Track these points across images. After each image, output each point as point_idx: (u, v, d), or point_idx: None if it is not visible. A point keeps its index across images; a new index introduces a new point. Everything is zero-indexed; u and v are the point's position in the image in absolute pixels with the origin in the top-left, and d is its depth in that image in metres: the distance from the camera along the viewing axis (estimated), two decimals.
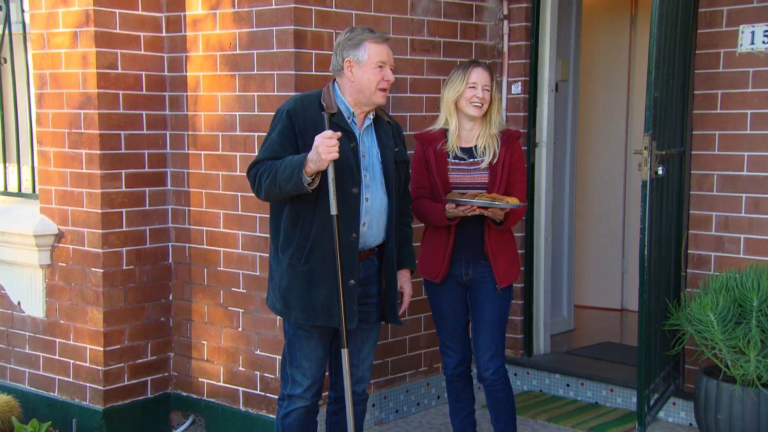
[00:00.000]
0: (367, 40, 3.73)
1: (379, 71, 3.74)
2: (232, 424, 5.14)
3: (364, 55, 3.72)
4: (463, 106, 4.19)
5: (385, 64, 3.76)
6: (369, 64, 3.73)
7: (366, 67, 3.73)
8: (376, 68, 3.74)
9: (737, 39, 4.93)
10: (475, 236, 4.25)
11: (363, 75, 3.74)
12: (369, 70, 3.73)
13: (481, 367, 4.31)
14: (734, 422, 4.56)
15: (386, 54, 3.77)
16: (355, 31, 3.79)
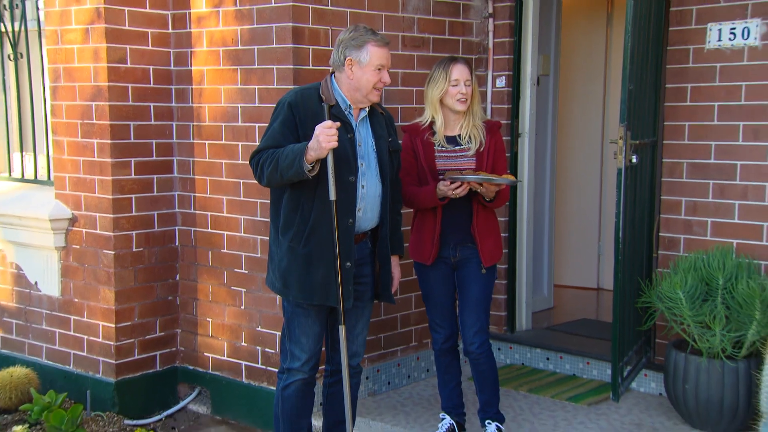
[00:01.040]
0: (369, 43, 3.73)
1: (377, 73, 3.75)
2: (235, 396, 5.16)
3: (366, 57, 3.73)
4: (449, 102, 4.20)
5: (384, 67, 3.78)
6: (369, 66, 3.74)
7: (366, 69, 3.74)
8: (375, 70, 3.75)
9: (705, 36, 4.93)
10: (462, 221, 4.27)
11: (362, 75, 3.75)
12: (369, 71, 3.74)
13: (467, 342, 4.34)
14: (700, 392, 4.59)
15: (386, 57, 3.78)
16: (359, 31, 3.78)
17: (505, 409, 4.85)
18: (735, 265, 4.65)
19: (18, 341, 5.73)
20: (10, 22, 5.71)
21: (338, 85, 3.82)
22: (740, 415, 4.52)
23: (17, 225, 5.51)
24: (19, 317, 5.71)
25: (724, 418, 4.60)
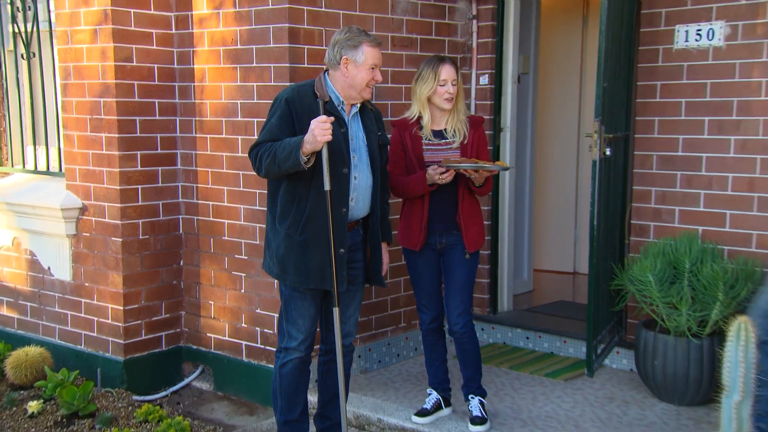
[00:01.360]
0: (364, 43, 3.75)
1: (371, 72, 3.77)
2: (236, 373, 5.17)
3: (361, 57, 3.74)
4: (437, 101, 4.21)
5: (377, 66, 3.80)
6: (364, 65, 3.75)
7: (361, 67, 3.75)
8: (369, 69, 3.77)
9: (674, 37, 4.95)
10: (448, 210, 4.28)
11: (357, 73, 3.76)
12: (363, 70, 3.75)
13: (452, 322, 4.35)
14: (668, 367, 4.64)
15: (379, 57, 3.80)
16: (353, 32, 3.79)
17: (488, 384, 4.88)
18: (700, 250, 4.68)
19: (32, 322, 5.74)
20: (23, 23, 5.68)
21: (332, 82, 3.82)
22: (704, 388, 4.58)
23: (31, 214, 5.50)
24: (33, 300, 5.72)
25: (690, 391, 4.65)
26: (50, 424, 4.71)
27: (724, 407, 3.17)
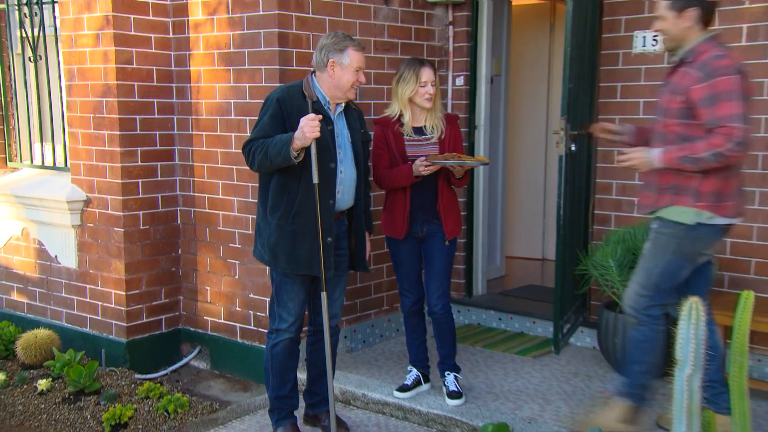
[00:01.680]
0: (350, 47, 3.77)
1: (355, 74, 3.80)
2: (230, 353, 5.20)
3: (347, 60, 3.76)
4: (418, 101, 4.24)
5: (361, 69, 3.82)
6: (349, 68, 3.77)
7: (346, 70, 3.77)
8: (354, 71, 3.79)
9: (632, 42, 5.00)
10: (428, 201, 4.32)
11: (343, 75, 3.78)
12: (348, 72, 3.78)
13: (431, 304, 4.39)
14: (627, 344, 4.65)
15: (362, 60, 3.83)
16: (339, 36, 3.81)
17: (464, 362, 4.95)
18: None
19: (41, 307, 5.75)
20: (30, 28, 5.67)
21: (319, 83, 3.84)
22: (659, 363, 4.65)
23: (39, 206, 5.51)
24: (41, 286, 5.73)
25: None
26: (58, 401, 4.73)
27: (677, 380, 3.22)
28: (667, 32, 3.63)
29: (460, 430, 4.19)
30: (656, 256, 3.70)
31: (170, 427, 4.39)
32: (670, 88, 3.62)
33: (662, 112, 3.66)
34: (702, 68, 3.48)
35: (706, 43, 3.56)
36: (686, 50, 3.59)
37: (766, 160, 4.66)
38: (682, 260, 3.66)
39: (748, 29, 4.65)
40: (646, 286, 3.75)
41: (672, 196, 3.59)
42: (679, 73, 3.61)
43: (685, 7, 3.52)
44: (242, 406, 4.66)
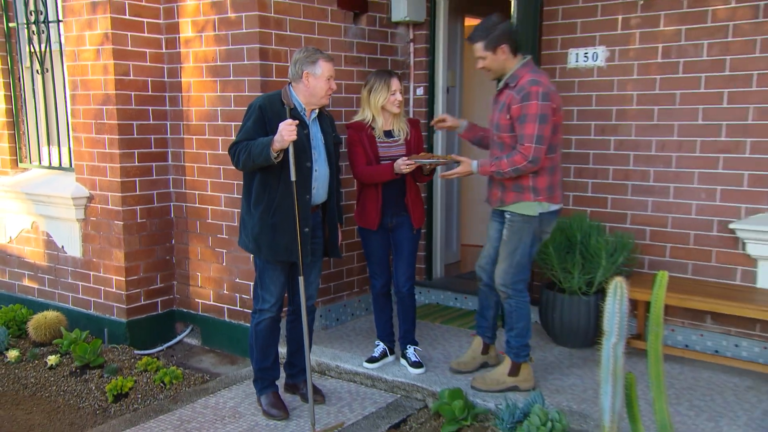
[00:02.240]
0: (320, 59, 3.80)
1: (327, 82, 3.82)
2: (219, 331, 5.21)
3: (319, 70, 3.79)
4: (389, 107, 4.27)
5: (332, 77, 3.85)
6: (322, 77, 3.80)
7: (319, 79, 3.80)
8: (326, 80, 3.81)
9: (567, 58, 5.06)
10: (397, 196, 4.35)
11: (317, 84, 3.80)
12: (321, 81, 3.80)
13: (399, 285, 4.44)
14: (564, 319, 4.79)
15: (332, 70, 3.86)
16: (310, 51, 3.83)
17: (424, 336, 5.00)
18: (588, 226, 4.78)
19: (50, 291, 5.72)
20: (38, 44, 5.63)
21: (295, 92, 3.86)
22: (590, 334, 4.73)
23: (47, 202, 5.48)
24: (50, 273, 5.70)
25: (580, 337, 4.79)
26: (66, 374, 4.73)
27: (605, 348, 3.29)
28: (489, 67, 3.98)
29: (421, 395, 4.24)
30: (514, 241, 4.05)
31: (166, 396, 4.41)
32: (499, 107, 3.97)
33: (496, 126, 4.02)
34: (520, 91, 3.87)
35: (523, 68, 3.94)
36: (509, 76, 3.96)
37: (679, 161, 4.75)
38: (534, 241, 4.07)
39: (663, 48, 4.74)
40: (511, 264, 4.06)
41: (517, 193, 4.00)
42: (504, 95, 3.97)
43: (497, 45, 3.89)
44: (230, 377, 4.68)
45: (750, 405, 4.06)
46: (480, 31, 3.91)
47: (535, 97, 3.81)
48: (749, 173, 4.54)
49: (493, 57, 3.93)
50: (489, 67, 3.97)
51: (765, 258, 4.51)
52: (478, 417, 3.91)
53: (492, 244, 4.24)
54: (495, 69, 3.98)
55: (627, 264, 4.77)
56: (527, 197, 3.99)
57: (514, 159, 3.86)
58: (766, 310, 4.16)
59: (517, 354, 4.14)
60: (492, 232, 4.25)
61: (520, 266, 4.06)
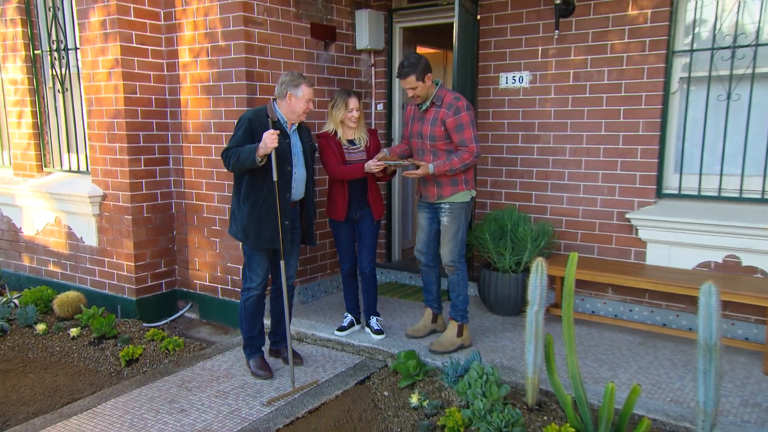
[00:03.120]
0: (303, 84, 3.80)
1: (306, 103, 3.83)
2: (214, 307, 5.18)
3: (300, 93, 3.79)
4: (346, 122, 4.29)
5: (310, 100, 3.85)
6: (302, 98, 3.80)
7: (300, 100, 3.80)
8: (305, 102, 3.81)
9: (499, 80, 5.09)
10: (361, 193, 4.36)
11: (297, 104, 3.80)
12: (302, 102, 3.80)
13: (363, 267, 4.45)
14: (498, 292, 4.84)
15: (312, 94, 3.86)
16: (295, 75, 3.83)
17: (385, 309, 5.02)
18: (517, 217, 4.85)
19: (71, 275, 5.64)
20: (59, 68, 5.55)
21: (279, 108, 3.85)
22: (519, 304, 4.79)
23: (67, 200, 5.40)
24: (71, 260, 5.62)
25: (511, 306, 4.86)
26: (86, 343, 4.68)
27: (529, 315, 3.35)
28: (419, 94, 4.08)
29: (382, 356, 4.27)
30: (455, 225, 4.16)
31: (170, 361, 4.38)
32: (430, 122, 4.09)
33: (431, 137, 4.10)
34: (449, 107, 4.04)
35: (442, 90, 4.11)
36: (433, 97, 4.09)
37: (587, 164, 4.82)
38: (467, 222, 4.24)
39: (574, 73, 4.81)
40: (456, 244, 4.18)
41: (453, 187, 4.13)
42: (433, 112, 4.08)
43: (424, 75, 4.02)
44: (223, 345, 4.67)
45: (640, 356, 4.18)
46: (408, 67, 4.00)
47: (464, 108, 4.03)
48: (640, 174, 4.65)
49: (423, 85, 4.05)
50: (419, 94, 4.08)
51: (652, 241, 4.62)
52: (428, 373, 3.95)
53: (425, 231, 4.31)
54: (423, 94, 4.09)
55: (547, 247, 4.84)
56: (461, 188, 4.14)
57: (464, 157, 4.03)
58: (653, 282, 4.26)
59: (463, 315, 4.24)
60: (424, 221, 4.31)
61: (462, 243, 4.21)
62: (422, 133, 4.15)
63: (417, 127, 4.19)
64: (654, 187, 4.61)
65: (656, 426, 3.34)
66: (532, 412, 3.45)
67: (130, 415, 3.60)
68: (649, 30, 4.47)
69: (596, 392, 3.56)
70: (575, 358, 3.21)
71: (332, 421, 3.52)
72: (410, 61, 4.01)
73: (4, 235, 6.15)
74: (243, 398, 3.78)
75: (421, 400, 3.60)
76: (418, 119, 4.19)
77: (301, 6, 5.04)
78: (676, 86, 4.53)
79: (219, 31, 4.72)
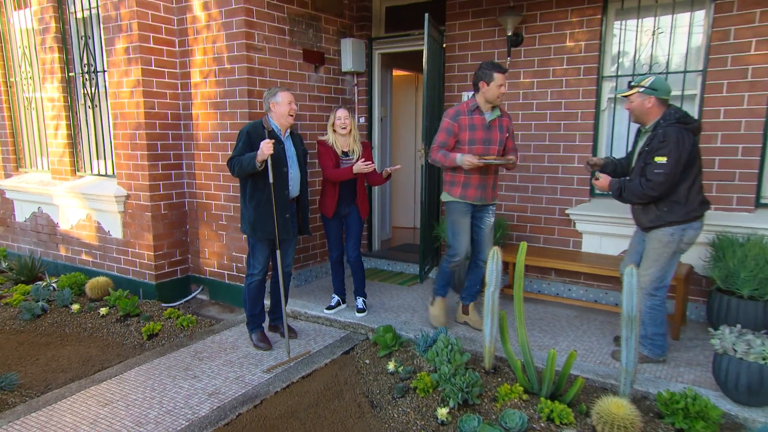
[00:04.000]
0: (279, 91, 3.77)
1: (288, 105, 3.77)
2: (221, 290, 5.13)
3: (280, 98, 3.74)
4: (337, 129, 4.22)
5: (292, 101, 3.79)
6: (283, 103, 3.75)
7: (281, 104, 3.75)
8: (287, 104, 3.76)
9: (462, 98, 5.09)
10: (350, 195, 4.31)
11: (280, 108, 3.76)
12: (283, 105, 3.75)
13: (350, 255, 4.40)
14: (460, 276, 4.78)
15: (290, 96, 3.79)
16: (271, 89, 3.80)
17: (367, 290, 5.01)
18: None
19: (100, 263, 5.54)
20: (89, 87, 5.44)
21: (272, 119, 3.81)
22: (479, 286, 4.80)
23: (97, 199, 5.31)
24: (100, 250, 5.52)
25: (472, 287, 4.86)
26: (113, 321, 4.60)
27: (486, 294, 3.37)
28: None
29: (364, 330, 4.26)
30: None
31: (185, 335, 4.33)
32: (498, 128, 3.79)
33: (500, 142, 3.82)
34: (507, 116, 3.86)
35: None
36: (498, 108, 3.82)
37: (534, 168, 4.83)
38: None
39: (523, 93, 4.82)
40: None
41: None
42: (497, 120, 3.80)
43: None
44: (230, 321, 4.63)
45: (576, 327, 4.22)
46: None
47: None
48: (577, 177, 4.69)
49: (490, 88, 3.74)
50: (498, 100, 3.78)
51: (587, 232, 4.66)
52: (403, 344, 3.95)
53: (485, 232, 4.00)
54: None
55: (502, 238, 4.84)
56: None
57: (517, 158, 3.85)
58: (587, 266, 4.30)
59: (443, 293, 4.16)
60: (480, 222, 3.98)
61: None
62: (491, 140, 3.79)
63: (483, 135, 3.78)
64: (588, 188, 4.65)
65: (588, 383, 3.37)
66: (489, 374, 3.46)
67: (152, 381, 3.57)
68: (583, 59, 4.50)
69: (541, 357, 3.59)
70: (524, 330, 3.23)
71: (322, 385, 3.51)
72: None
73: (44, 229, 6.03)
74: (246, 366, 3.76)
75: (397, 367, 3.60)
76: (483, 128, 3.78)
77: (295, 35, 4.99)
78: (605, 105, 4.57)
79: (225, 56, 4.66)
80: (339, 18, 5.46)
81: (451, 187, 3.89)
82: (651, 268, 3.40)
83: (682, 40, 4.23)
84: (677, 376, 3.42)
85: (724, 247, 3.87)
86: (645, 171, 3.27)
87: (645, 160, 3.28)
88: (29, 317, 4.73)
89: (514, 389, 3.15)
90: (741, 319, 3.68)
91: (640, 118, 3.37)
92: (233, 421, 3.11)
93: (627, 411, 2.77)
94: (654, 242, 3.38)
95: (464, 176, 3.84)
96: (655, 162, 3.20)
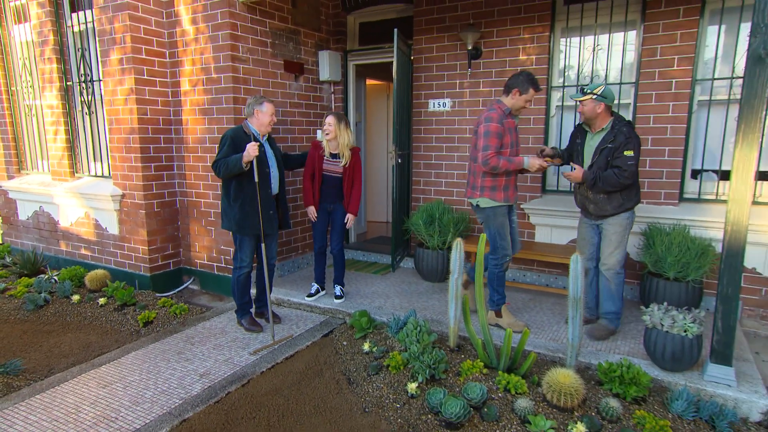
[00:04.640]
0: (265, 102, 3.71)
1: (270, 116, 3.74)
2: (211, 280, 5.05)
3: (264, 108, 3.70)
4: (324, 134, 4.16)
5: (273, 114, 3.76)
6: (267, 113, 3.71)
7: (265, 114, 3.71)
8: (269, 115, 3.72)
9: (428, 105, 5.10)
10: (335, 191, 4.20)
11: (263, 117, 3.72)
12: (267, 115, 3.72)
13: (333, 246, 4.34)
14: (429, 265, 4.84)
15: (274, 108, 3.77)
16: (257, 97, 3.75)
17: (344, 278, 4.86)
18: (443, 208, 4.86)
19: (98, 257, 5.40)
20: (86, 95, 5.28)
21: (251, 124, 3.76)
22: (443, 274, 4.80)
23: (94, 198, 5.17)
24: (98, 245, 5.38)
25: (438, 275, 4.85)
26: (111, 310, 4.50)
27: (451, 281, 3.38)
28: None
29: (342, 315, 4.24)
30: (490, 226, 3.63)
31: (178, 322, 4.26)
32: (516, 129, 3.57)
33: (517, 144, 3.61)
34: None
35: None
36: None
37: None
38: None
39: (482, 101, 4.86)
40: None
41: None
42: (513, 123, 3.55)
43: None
44: (219, 309, 4.57)
45: (530, 308, 4.27)
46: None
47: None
48: (530, 175, 4.75)
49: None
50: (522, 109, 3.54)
51: (539, 224, 4.73)
52: (377, 327, 3.94)
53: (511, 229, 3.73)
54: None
55: (464, 231, 4.88)
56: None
57: None
58: (540, 254, 4.35)
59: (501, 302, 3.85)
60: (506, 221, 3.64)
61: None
62: (517, 143, 3.63)
63: (516, 137, 3.58)
64: (540, 185, 4.72)
65: (541, 358, 3.43)
66: (453, 352, 3.49)
67: (147, 364, 3.51)
68: (534, 71, 4.55)
69: (499, 336, 3.63)
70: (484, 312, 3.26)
71: (304, 365, 3.49)
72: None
73: (46, 226, 5.85)
74: (235, 349, 3.71)
75: (372, 347, 3.60)
76: (516, 131, 3.59)
77: (276, 47, 4.93)
78: (554, 112, 4.63)
79: (212, 66, 4.58)
80: (317, 32, 5.41)
81: (494, 192, 3.52)
82: (616, 250, 3.47)
83: (617, 56, 4.33)
84: (615, 348, 3.51)
85: (654, 235, 3.99)
86: (614, 163, 3.35)
87: (612, 155, 3.37)
88: (32, 308, 4.60)
89: (476, 365, 3.18)
90: (668, 297, 3.81)
91: (589, 121, 3.47)
92: (223, 399, 3.09)
93: (572, 380, 2.84)
94: (615, 227, 3.47)
95: (505, 180, 3.52)
96: (625, 155, 3.32)
